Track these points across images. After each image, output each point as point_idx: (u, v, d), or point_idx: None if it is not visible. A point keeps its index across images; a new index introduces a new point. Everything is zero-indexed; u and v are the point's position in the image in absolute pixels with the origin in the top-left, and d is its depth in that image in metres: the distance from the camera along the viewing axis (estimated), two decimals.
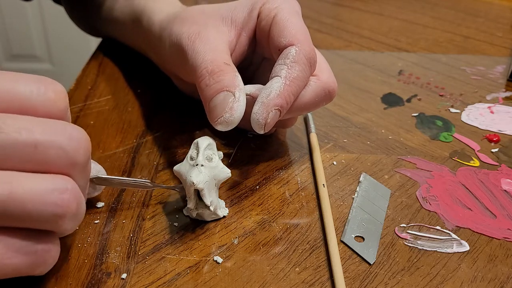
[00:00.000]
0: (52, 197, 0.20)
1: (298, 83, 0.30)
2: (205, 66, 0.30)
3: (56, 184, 0.20)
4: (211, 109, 0.29)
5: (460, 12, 0.75)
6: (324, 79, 0.32)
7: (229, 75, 0.29)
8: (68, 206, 0.21)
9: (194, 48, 0.31)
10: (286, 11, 0.32)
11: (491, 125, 0.41)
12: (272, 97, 0.28)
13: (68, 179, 0.21)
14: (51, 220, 0.20)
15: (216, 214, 0.29)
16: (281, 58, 0.30)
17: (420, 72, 0.52)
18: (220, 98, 0.28)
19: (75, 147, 0.21)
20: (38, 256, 0.21)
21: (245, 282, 0.25)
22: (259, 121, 0.28)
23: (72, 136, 0.21)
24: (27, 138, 0.20)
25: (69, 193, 0.21)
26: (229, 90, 0.28)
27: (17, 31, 1.59)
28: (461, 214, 0.30)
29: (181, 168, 0.28)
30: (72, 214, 0.21)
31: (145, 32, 0.41)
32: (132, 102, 0.43)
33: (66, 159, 0.21)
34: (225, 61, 0.30)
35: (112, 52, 0.53)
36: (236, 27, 0.34)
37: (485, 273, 0.26)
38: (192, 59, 0.31)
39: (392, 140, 0.38)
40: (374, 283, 0.25)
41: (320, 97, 0.32)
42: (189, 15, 0.35)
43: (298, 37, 0.31)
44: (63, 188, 0.21)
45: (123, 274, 0.25)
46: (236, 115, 0.28)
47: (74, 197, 0.21)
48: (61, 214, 0.20)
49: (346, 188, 0.32)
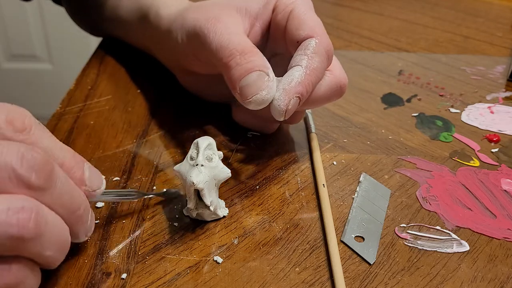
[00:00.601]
0: (5, 217, 0.19)
1: (317, 73, 0.30)
2: (234, 46, 0.30)
3: (10, 203, 0.19)
4: (244, 88, 0.29)
5: (460, 12, 0.75)
6: (337, 73, 0.33)
7: (260, 56, 0.30)
8: (24, 226, 0.19)
9: (216, 30, 0.31)
10: (302, 6, 0.33)
11: (491, 125, 0.41)
12: (294, 84, 0.29)
13: (26, 198, 0.20)
14: (10, 243, 0.19)
15: (216, 214, 0.29)
16: (301, 49, 0.31)
17: (420, 72, 0.52)
18: (254, 76, 0.29)
19: (27, 169, 0.20)
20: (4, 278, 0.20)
21: (245, 282, 0.25)
22: (281, 107, 0.29)
23: (24, 157, 0.20)
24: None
25: (25, 212, 0.19)
26: (262, 70, 0.29)
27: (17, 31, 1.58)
28: (461, 214, 0.30)
29: (181, 168, 0.28)
30: (33, 235, 0.19)
31: (152, 27, 0.41)
32: (132, 102, 0.43)
33: (20, 181, 0.20)
34: (251, 44, 0.30)
35: (112, 52, 0.53)
36: (251, 17, 0.34)
37: (485, 273, 0.26)
38: (216, 41, 0.31)
39: (392, 140, 0.38)
40: (374, 283, 0.25)
41: (333, 91, 0.32)
42: (202, 5, 0.35)
43: (317, 31, 0.31)
44: (18, 207, 0.19)
45: (123, 274, 0.25)
46: (272, 93, 0.29)
47: (31, 216, 0.19)
48: (17, 235, 0.19)
49: (346, 188, 0.32)
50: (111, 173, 0.33)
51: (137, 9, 0.45)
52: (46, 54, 1.64)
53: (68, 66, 1.64)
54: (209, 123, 0.39)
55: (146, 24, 0.43)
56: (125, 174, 0.33)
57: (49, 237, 0.21)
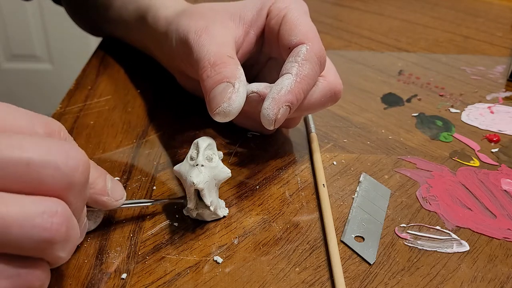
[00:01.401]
0: (40, 220, 0.18)
1: (308, 81, 0.30)
2: (208, 58, 0.30)
3: (46, 206, 0.19)
4: (210, 100, 0.29)
5: (460, 12, 0.75)
6: (330, 79, 0.32)
7: (231, 67, 0.29)
8: (58, 230, 0.19)
9: (200, 42, 0.31)
10: (295, 10, 0.33)
11: (491, 125, 0.41)
12: (283, 93, 0.29)
13: (59, 202, 0.20)
14: (39, 246, 0.19)
15: (216, 214, 0.29)
16: (292, 56, 0.30)
17: (420, 72, 0.52)
18: (220, 88, 0.28)
19: (72, 167, 0.20)
20: (22, 280, 0.19)
21: (245, 282, 0.25)
22: (270, 117, 0.28)
23: (69, 155, 0.20)
24: (19, 155, 0.19)
25: (59, 216, 0.19)
26: (229, 81, 0.28)
27: (17, 31, 1.58)
28: (461, 214, 0.30)
29: (181, 168, 0.28)
30: (63, 239, 0.19)
31: (150, 28, 0.41)
32: (132, 102, 0.43)
33: (61, 180, 0.19)
34: (228, 54, 0.30)
35: (112, 52, 0.53)
36: (244, 24, 0.34)
37: (485, 273, 0.26)
38: (196, 52, 0.31)
39: (392, 140, 0.38)
40: (374, 283, 0.25)
41: (327, 98, 0.32)
42: (197, 10, 0.35)
43: (309, 36, 0.31)
44: (53, 211, 0.19)
45: (123, 274, 0.25)
46: (234, 105, 0.28)
47: (64, 221, 0.19)
48: (49, 239, 0.19)
49: (346, 188, 0.32)
50: (111, 173, 0.33)
51: (136, 9, 0.45)
52: (46, 54, 1.64)
53: (68, 66, 1.64)
54: (209, 123, 0.39)
55: (144, 25, 0.43)
56: (125, 174, 0.33)
57: (71, 243, 0.20)
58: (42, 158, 0.19)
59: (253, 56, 0.36)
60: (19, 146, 0.19)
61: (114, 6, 0.49)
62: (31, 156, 0.19)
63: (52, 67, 1.66)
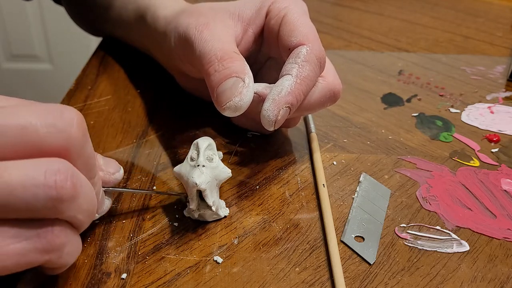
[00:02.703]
0: (42, 179, 0.19)
1: (308, 82, 0.30)
2: (214, 52, 0.30)
3: (47, 165, 0.19)
4: (219, 94, 0.29)
5: (460, 12, 0.75)
6: (330, 80, 0.32)
7: (239, 62, 0.29)
8: (62, 187, 0.19)
9: (202, 37, 0.31)
10: (295, 11, 0.33)
11: (491, 125, 0.41)
12: (283, 94, 0.29)
13: (60, 160, 0.20)
14: (48, 205, 0.19)
15: (218, 214, 0.29)
16: (292, 57, 0.31)
17: (420, 72, 0.52)
18: (230, 83, 0.28)
19: (67, 122, 0.20)
20: (42, 239, 0.20)
21: (245, 282, 0.25)
22: (270, 118, 0.28)
23: (63, 112, 0.20)
24: (15, 121, 0.19)
25: (61, 173, 0.19)
26: (238, 76, 0.28)
27: (17, 31, 1.58)
28: (461, 214, 0.30)
29: (181, 169, 0.28)
30: (70, 196, 0.20)
31: (149, 28, 0.41)
32: (132, 102, 0.43)
33: (59, 137, 0.20)
34: (234, 50, 0.30)
35: (112, 52, 0.53)
36: (243, 23, 0.34)
37: (485, 273, 0.26)
38: (200, 47, 0.31)
39: (392, 140, 0.38)
40: (374, 283, 0.25)
41: (326, 98, 0.32)
42: (197, 9, 0.35)
43: (309, 37, 0.31)
44: (55, 169, 0.19)
45: (123, 274, 0.25)
46: (246, 100, 0.28)
47: (68, 178, 0.20)
48: (55, 197, 0.19)
49: (346, 188, 0.32)
50: None
51: (135, 9, 0.45)
52: (46, 54, 1.64)
53: (68, 66, 1.64)
54: (209, 123, 0.39)
55: (143, 25, 0.43)
56: (125, 174, 0.33)
57: (83, 200, 0.21)
58: (37, 119, 0.20)
59: (251, 55, 0.36)
60: (14, 112, 0.19)
61: (113, 6, 0.49)
62: (27, 119, 0.19)
63: (52, 67, 1.66)
